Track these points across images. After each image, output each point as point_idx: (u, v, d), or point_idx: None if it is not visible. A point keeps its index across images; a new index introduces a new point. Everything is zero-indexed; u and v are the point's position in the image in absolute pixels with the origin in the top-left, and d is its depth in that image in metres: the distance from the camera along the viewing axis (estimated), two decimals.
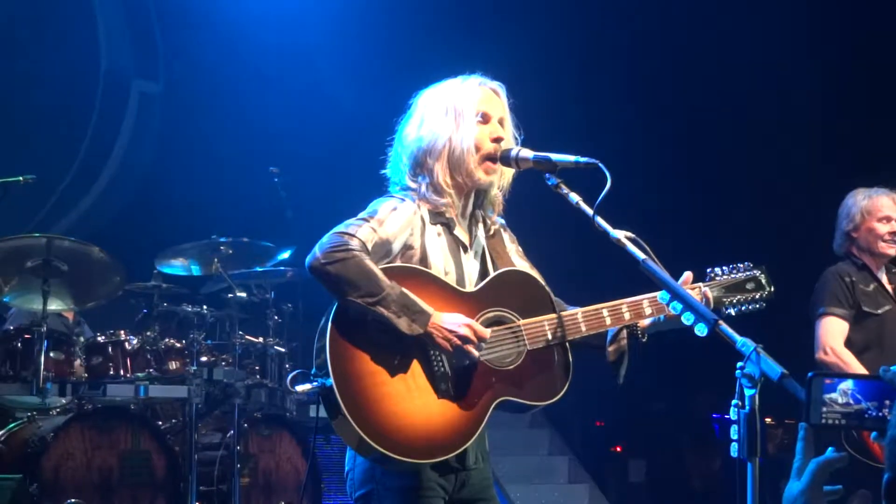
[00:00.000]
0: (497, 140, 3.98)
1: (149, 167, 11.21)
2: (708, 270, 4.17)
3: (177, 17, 11.16)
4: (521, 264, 4.19)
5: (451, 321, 3.76)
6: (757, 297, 4.19)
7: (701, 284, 4.08)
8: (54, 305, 7.18)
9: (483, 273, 4.09)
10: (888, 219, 6.37)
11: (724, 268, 4.19)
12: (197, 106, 10.83)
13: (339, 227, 3.84)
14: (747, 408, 2.92)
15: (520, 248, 4.28)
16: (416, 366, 3.79)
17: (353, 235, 3.79)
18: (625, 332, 4.08)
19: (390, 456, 3.68)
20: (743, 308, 4.17)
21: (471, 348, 3.75)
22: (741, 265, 4.22)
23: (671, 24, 10.83)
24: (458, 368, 3.81)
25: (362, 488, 3.88)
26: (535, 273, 4.18)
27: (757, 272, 4.22)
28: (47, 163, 10.16)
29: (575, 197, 3.69)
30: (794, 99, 10.51)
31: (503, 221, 4.27)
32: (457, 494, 3.92)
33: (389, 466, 3.76)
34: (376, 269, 3.74)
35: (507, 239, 4.25)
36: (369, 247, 3.81)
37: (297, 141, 10.45)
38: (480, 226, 4.16)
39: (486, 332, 3.81)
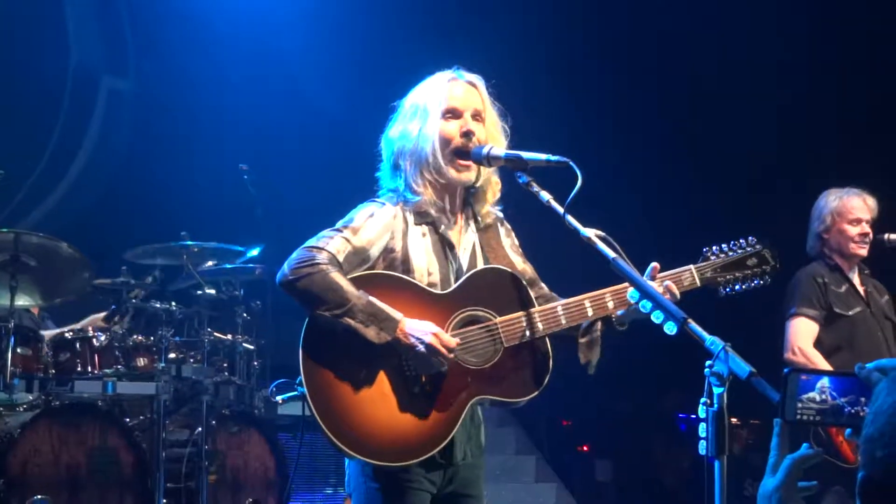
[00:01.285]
0: (466, 134, 3.99)
1: (118, 163, 11.15)
2: (704, 250, 4.14)
3: (147, 13, 11.13)
4: (514, 258, 4.21)
5: (417, 329, 3.79)
6: (759, 272, 4.16)
7: (692, 266, 4.07)
8: (22, 301, 7.11)
9: (472, 270, 4.10)
10: (858, 220, 6.41)
11: (722, 246, 4.15)
12: (167, 102, 10.80)
13: (310, 241, 3.89)
14: (716, 406, 2.93)
15: (515, 242, 4.29)
16: (388, 371, 3.84)
17: (321, 249, 3.84)
18: (599, 324, 4.09)
19: (367, 461, 3.77)
20: (744, 286, 4.14)
21: (436, 358, 3.78)
22: (743, 241, 4.18)
23: (654, 18, 10.84)
24: (430, 371, 3.84)
25: (355, 482, 3.95)
26: (528, 269, 4.22)
27: (760, 247, 4.18)
28: (15, 158, 10.06)
29: (546, 195, 3.70)
30: (778, 97, 10.58)
31: (500, 214, 4.27)
32: (445, 489, 3.98)
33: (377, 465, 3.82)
34: (342, 281, 3.78)
35: (503, 233, 4.26)
36: (341, 258, 3.85)
37: (266, 138, 10.46)
38: (471, 221, 4.17)
39: (453, 342, 3.82)
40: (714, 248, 4.15)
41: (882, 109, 10.14)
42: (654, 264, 3.99)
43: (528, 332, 3.95)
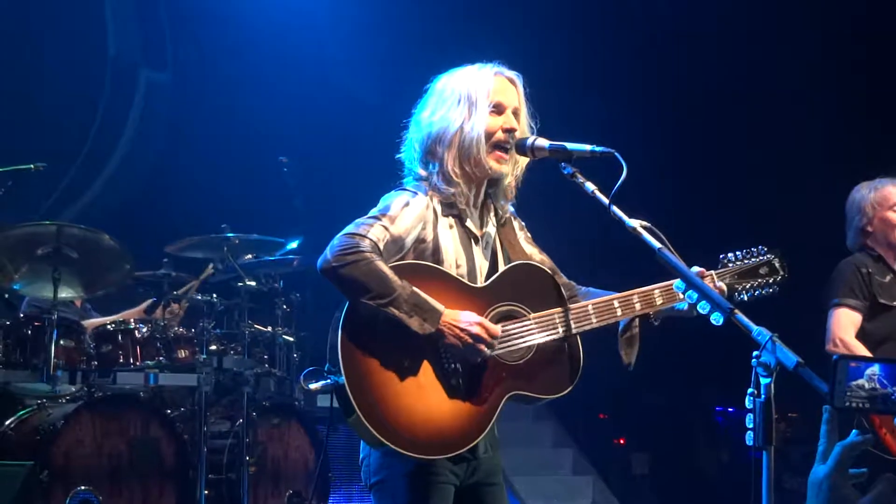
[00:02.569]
0: (509, 130, 3.99)
1: (158, 155, 11.21)
2: (721, 257, 4.20)
3: (184, 5, 11.16)
4: (531, 250, 4.22)
5: (462, 319, 3.79)
6: (770, 281, 4.22)
7: (713, 272, 4.10)
8: (64, 293, 7.14)
9: (493, 264, 4.11)
10: None
11: (737, 253, 4.22)
12: (205, 95, 10.84)
13: (350, 228, 3.84)
14: (763, 396, 2.93)
15: (528, 234, 4.30)
16: (427, 363, 3.82)
17: (363, 236, 3.79)
18: (637, 321, 4.09)
19: (405, 454, 3.74)
20: (756, 293, 4.19)
21: (482, 347, 3.78)
22: (755, 250, 4.24)
23: (686, 16, 10.82)
24: (469, 365, 3.84)
25: (378, 475, 3.93)
26: (545, 259, 4.22)
27: (771, 256, 4.25)
28: (56, 150, 10.15)
29: (591, 186, 3.68)
30: (805, 90, 10.53)
31: (513, 209, 4.27)
32: (468, 481, 3.96)
33: (404, 458, 3.79)
34: (387, 270, 3.75)
35: (517, 227, 4.27)
36: (381, 246, 3.82)
37: (306, 130, 10.47)
38: (492, 216, 4.17)
39: (498, 330, 3.83)
40: (730, 255, 4.22)
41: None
42: (699, 269, 4.04)
43: (560, 330, 3.97)
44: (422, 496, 3.85)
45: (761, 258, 4.24)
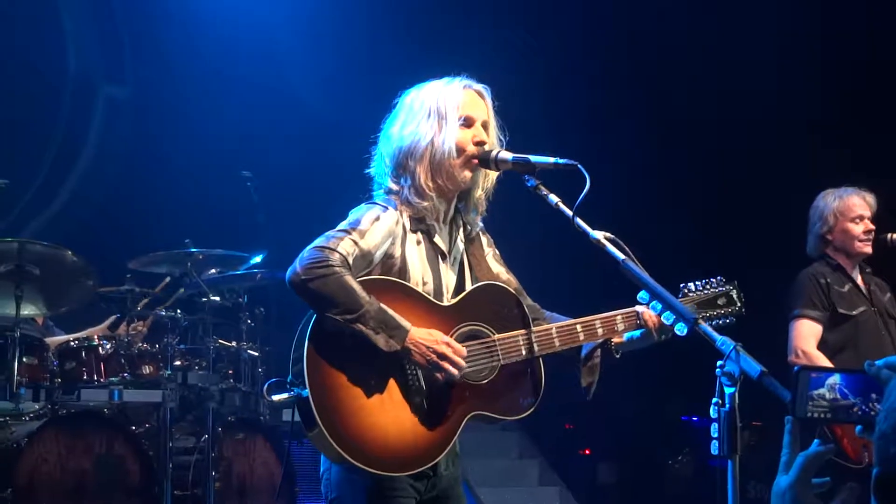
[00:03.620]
0: (479, 144, 3.99)
1: (119, 170, 11.12)
2: (681, 286, 4.21)
3: (144, 20, 11.10)
4: (497, 269, 4.23)
5: (429, 338, 3.79)
6: (728, 311, 4.25)
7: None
8: (27, 310, 7.10)
9: (461, 281, 4.12)
10: (861, 218, 6.39)
11: (696, 283, 4.24)
12: (167, 109, 10.77)
13: (320, 241, 3.83)
14: (727, 406, 2.94)
15: (497, 252, 4.30)
16: (391, 380, 3.82)
17: (333, 250, 3.78)
18: (599, 351, 4.14)
19: (365, 469, 3.73)
20: (713, 324, 4.19)
21: (448, 366, 3.78)
22: (713, 280, 4.27)
23: (653, 23, 10.85)
24: (433, 383, 3.85)
25: (338, 490, 3.91)
26: (512, 279, 4.23)
27: (729, 287, 4.29)
28: (16, 167, 10.08)
29: (554, 198, 3.70)
30: (773, 98, 10.58)
31: (481, 225, 4.27)
32: (427, 495, 3.97)
33: (364, 473, 3.78)
34: (355, 286, 3.74)
35: (485, 243, 4.27)
36: (350, 260, 3.81)
37: (269, 145, 10.43)
38: (461, 231, 4.17)
39: (464, 351, 3.84)
40: (690, 284, 4.24)
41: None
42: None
43: (524, 352, 4.00)
44: None
45: (720, 289, 4.27)
